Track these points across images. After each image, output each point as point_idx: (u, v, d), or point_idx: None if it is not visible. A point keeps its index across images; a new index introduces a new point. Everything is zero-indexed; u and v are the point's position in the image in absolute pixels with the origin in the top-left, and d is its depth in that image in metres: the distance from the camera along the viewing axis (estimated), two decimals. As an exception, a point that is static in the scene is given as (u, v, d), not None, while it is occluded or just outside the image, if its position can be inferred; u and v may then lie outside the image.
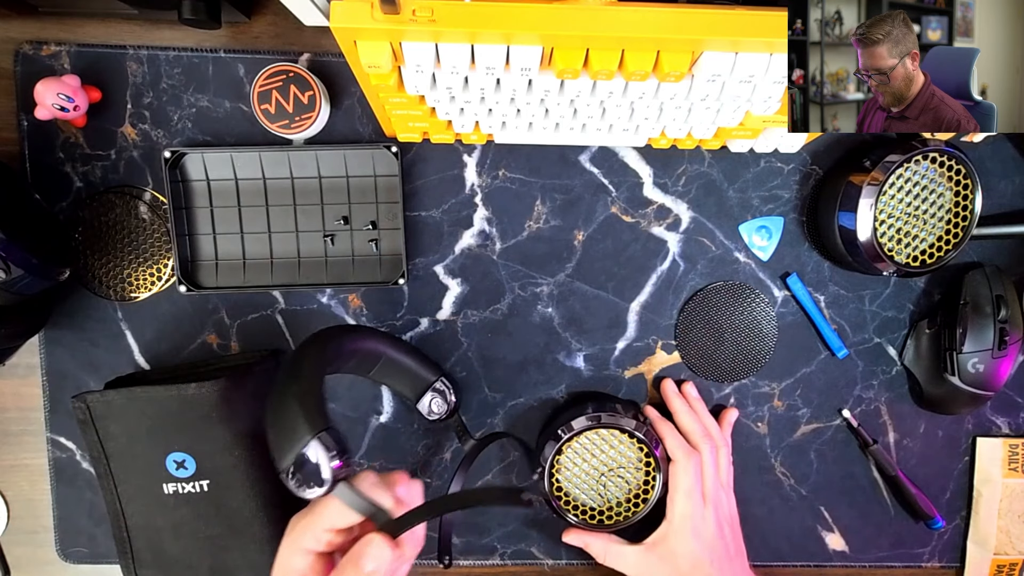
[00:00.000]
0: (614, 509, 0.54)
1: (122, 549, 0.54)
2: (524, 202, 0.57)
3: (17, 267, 0.44)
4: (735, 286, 0.58)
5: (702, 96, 0.43)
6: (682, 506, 0.52)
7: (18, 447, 0.59)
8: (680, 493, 0.52)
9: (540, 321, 0.58)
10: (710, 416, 0.57)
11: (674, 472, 0.53)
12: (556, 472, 0.54)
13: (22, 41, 0.53)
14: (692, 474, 0.52)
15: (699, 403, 0.58)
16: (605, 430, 0.53)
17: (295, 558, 0.39)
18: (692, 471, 0.53)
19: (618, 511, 0.54)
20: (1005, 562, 0.61)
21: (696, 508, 0.52)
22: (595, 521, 0.54)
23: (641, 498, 0.54)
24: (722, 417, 0.58)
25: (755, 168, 0.57)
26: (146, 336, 0.57)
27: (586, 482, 0.54)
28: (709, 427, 0.56)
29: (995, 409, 0.61)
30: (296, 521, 0.40)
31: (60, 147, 0.54)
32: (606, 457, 0.54)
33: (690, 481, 0.52)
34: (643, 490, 0.54)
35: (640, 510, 0.54)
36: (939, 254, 0.52)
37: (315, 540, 0.38)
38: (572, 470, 0.54)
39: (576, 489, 0.55)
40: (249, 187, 0.55)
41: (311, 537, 0.38)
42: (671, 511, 0.53)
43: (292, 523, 0.41)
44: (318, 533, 0.38)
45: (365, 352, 0.51)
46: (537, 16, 0.36)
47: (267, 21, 0.54)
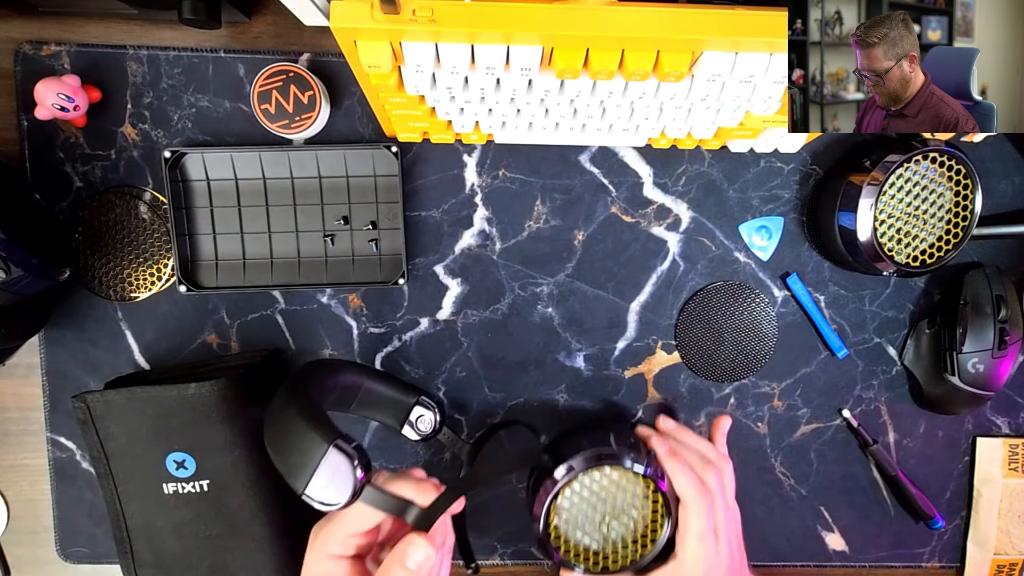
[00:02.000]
0: (619, 552, 0.49)
1: (122, 549, 0.54)
2: (524, 202, 0.57)
3: (17, 267, 0.44)
4: (735, 286, 0.58)
5: (702, 96, 0.43)
6: (694, 549, 0.47)
7: (18, 447, 0.59)
8: (692, 536, 0.47)
9: (540, 321, 0.58)
10: (697, 437, 0.53)
11: (686, 514, 0.48)
12: (552, 518, 0.48)
13: (22, 41, 0.53)
14: (705, 515, 0.47)
15: (680, 431, 0.54)
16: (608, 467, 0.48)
17: (324, 565, 0.39)
18: (705, 512, 0.48)
19: (623, 553, 0.49)
20: (1005, 562, 0.61)
21: (709, 550, 0.47)
22: (599, 568, 0.49)
23: (649, 538, 0.49)
24: (715, 427, 0.55)
25: (755, 168, 0.57)
26: (146, 336, 0.57)
27: (588, 524, 0.49)
28: (706, 452, 0.52)
29: (995, 409, 0.61)
30: (319, 529, 0.40)
31: (60, 147, 0.54)
32: (607, 495, 0.49)
33: (703, 524, 0.47)
34: (651, 528, 0.49)
35: (648, 551, 0.49)
36: (939, 254, 0.52)
37: (341, 546, 0.39)
38: (571, 511, 0.49)
39: (578, 531, 0.49)
40: (249, 187, 0.55)
41: (336, 543, 0.39)
42: (682, 552, 0.48)
43: (315, 532, 0.41)
44: (343, 539, 0.39)
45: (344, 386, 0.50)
46: (537, 16, 0.36)
47: (267, 21, 0.54)
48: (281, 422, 0.39)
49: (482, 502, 0.60)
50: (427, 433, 0.55)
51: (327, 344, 0.57)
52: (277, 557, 0.54)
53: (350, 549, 0.39)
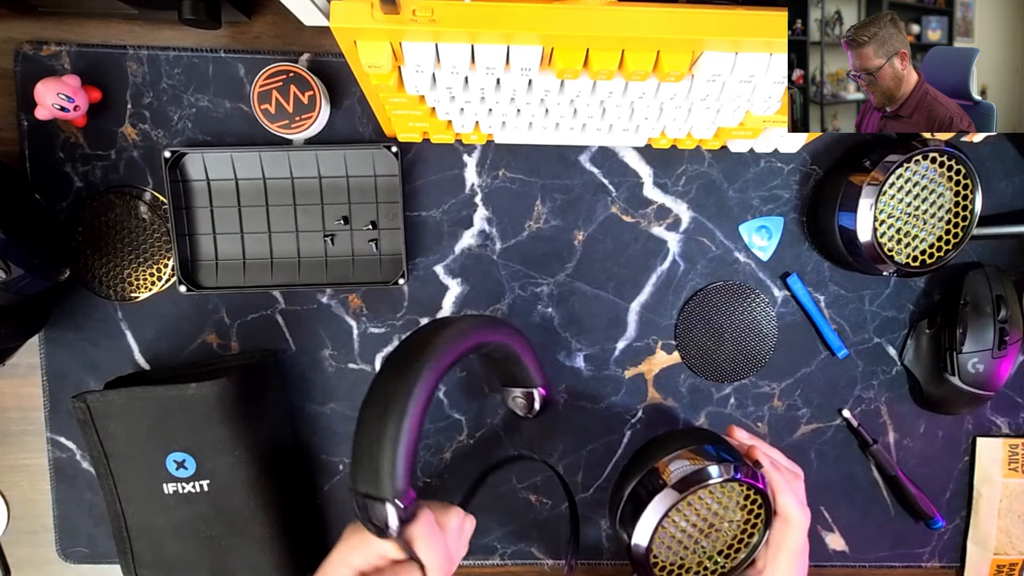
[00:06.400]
0: (711, 561, 0.48)
1: (122, 549, 0.54)
2: (524, 202, 0.57)
3: (17, 267, 0.44)
4: (735, 286, 0.58)
5: (702, 96, 0.43)
6: (787, 566, 0.47)
7: (18, 447, 0.59)
8: (788, 553, 0.47)
9: (540, 321, 0.58)
10: (773, 448, 0.52)
11: (784, 530, 0.47)
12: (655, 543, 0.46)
13: (22, 41, 0.53)
14: (803, 534, 0.47)
15: (758, 441, 0.52)
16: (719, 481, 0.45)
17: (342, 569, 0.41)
18: (803, 530, 0.47)
19: (714, 562, 0.47)
20: (1005, 562, 0.61)
21: (800, 570, 0.47)
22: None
23: (744, 542, 0.47)
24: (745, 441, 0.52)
25: (755, 168, 0.57)
26: (146, 336, 0.57)
27: (684, 542, 0.47)
28: (788, 465, 0.50)
29: (995, 409, 0.61)
30: (353, 532, 0.42)
31: (60, 147, 0.54)
32: (708, 511, 0.46)
33: (800, 543, 0.47)
34: (748, 532, 0.47)
35: (742, 555, 0.47)
36: (939, 254, 0.52)
37: (365, 561, 0.41)
38: (672, 532, 0.46)
39: (673, 553, 0.47)
40: (249, 187, 0.55)
41: (362, 557, 0.41)
42: (774, 567, 0.47)
43: (349, 532, 0.42)
44: (371, 556, 0.41)
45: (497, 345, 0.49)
46: (537, 16, 0.36)
47: (267, 21, 0.54)
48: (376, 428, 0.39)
49: (482, 502, 0.60)
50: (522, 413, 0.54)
51: (327, 344, 0.57)
52: (277, 557, 0.54)
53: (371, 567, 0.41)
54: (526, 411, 0.54)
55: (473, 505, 0.60)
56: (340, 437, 0.59)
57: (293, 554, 0.55)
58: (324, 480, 0.59)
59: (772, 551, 0.47)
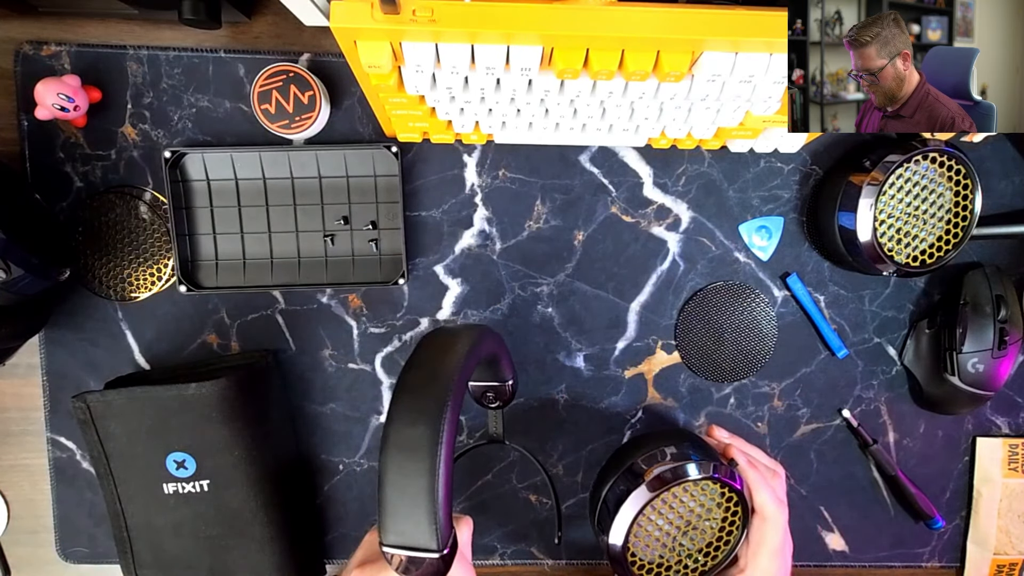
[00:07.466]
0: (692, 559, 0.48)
1: (122, 549, 0.54)
2: (524, 202, 0.57)
3: (17, 267, 0.44)
4: (735, 286, 0.58)
5: (702, 96, 0.43)
6: (766, 564, 0.47)
7: (18, 447, 0.59)
8: (767, 550, 0.47)
9: (540, 321, 0.58)
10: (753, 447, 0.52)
11: (762, 528, 0.47)
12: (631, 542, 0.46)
13: (22, 41, 0.53)
14: (781, 531, 0.47)
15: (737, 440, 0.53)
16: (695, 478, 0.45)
17: None
18: (782, 528, 0.47)
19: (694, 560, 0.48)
20: (1005, 562, 0.61)
21: (782, 566, 0.47)
22: None
23: (724, 540, 0.48)
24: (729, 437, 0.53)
25: (755, 168, 0.57)
26: (146, 336, 0.57)
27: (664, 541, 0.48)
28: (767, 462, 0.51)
29: (995, 409, 0.61)
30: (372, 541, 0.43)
31: (60, 147, 0.54)
32: (685, 510, 0.47)
33: (780, 539, 0.47)
34: (727, 531, 0.48)
35: (722, 553, 0.48)
36: (939, 254, 0.52)
37: None
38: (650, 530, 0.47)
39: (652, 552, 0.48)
40: (249, 187, 0.55)
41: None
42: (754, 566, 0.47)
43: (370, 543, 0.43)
44: None
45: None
46: (537, 16, 0.36)
47: (267, 21, 0.54)
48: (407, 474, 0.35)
49: (482, 502, 0.60)
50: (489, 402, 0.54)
51: (327, 344, 0.57)
52: (277, 557, 0.54)
53: None
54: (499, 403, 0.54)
55: (472, 505, 0.60)
56: (340, 437, 0.59)
57: (293, 554, 0.55)
58: (324, 480, 0.59)
59: (752, 548, 0.47)
